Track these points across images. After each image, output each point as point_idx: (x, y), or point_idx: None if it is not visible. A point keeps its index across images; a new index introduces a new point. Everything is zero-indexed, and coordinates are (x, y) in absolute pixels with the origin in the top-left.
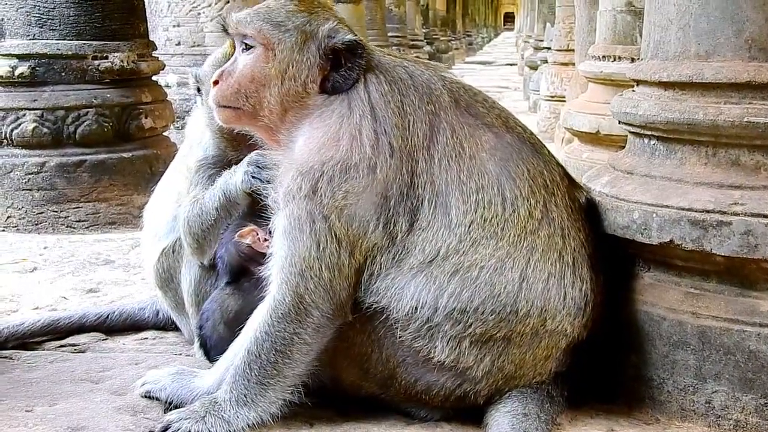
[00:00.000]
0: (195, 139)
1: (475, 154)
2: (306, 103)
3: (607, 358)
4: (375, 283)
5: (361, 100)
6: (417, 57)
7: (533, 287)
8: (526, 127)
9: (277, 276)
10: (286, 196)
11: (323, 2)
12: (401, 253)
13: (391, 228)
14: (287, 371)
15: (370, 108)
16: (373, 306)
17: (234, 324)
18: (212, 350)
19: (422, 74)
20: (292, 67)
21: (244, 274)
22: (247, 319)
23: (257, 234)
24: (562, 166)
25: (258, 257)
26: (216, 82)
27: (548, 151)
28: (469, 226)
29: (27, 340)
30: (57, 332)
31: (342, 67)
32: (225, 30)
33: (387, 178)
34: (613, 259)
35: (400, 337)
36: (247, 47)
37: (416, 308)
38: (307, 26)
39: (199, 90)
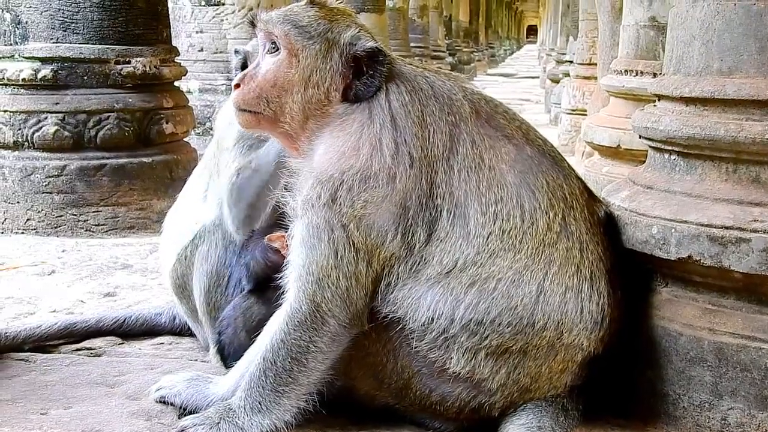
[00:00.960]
0: (224, 129)
1: (495, 166)
2: (327, 112)
3: (623, 372)
4: (392, 293)
5: (381, 109)
6: (439, 67)
7: (550, 300)
8: (546, 140)
9: (293, 284)
10: (304, 204)
11: (343, 9)
12: (419, 264)
13: (409, 238)
14: (302, 379)
15: (391, 117)
16: (390, 316)
17: (256, 332)
18: (230, 357)
19: (443, 84)
20: (316, 74)
21: (267, 283)
22: None
23: (287, 240)
24: (581, 180)
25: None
26: (237, 86)
27: (568, 165)
28: (488, 237)
29: (44, 342)
30: (74, 335)
31: (364, 75)
32: (253, 24)
33: (406, 188)
34: (631, 274)
35: (415, 348)
36: (272, 49)
37: (432, 319)
38: (329, 33)
39: (244, 66)
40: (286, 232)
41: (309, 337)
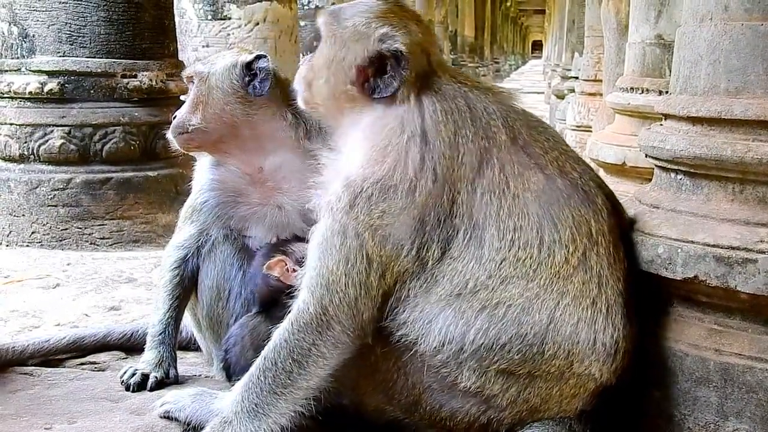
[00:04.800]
0: None
1: (520, 194)
2: (357, 107)
3: (629, 392)
4: (403, 312)
5: (413, 121)
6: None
7: (561, 330)
8: (585, 173)
9: (304, 285)
10: (326, 207)
11: (412, 13)
12: (430, 281)
13: (424, 254)
14: (301, 382)
15: (422, 132)
16: (402, 339)
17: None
18: (236, 374)
19: (486, 107)
20: (336, 62)
21: (275, 303)
22: None
23: (286, 265)
24: (616, 216)
25: (288, 289)
26: None
27: (602, 201)
28: (501, 263)
29: (52, 356)
30: (81, 349)
31: (386, 74)
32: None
33: (426, 203)
34: (636, 293)
35: (427, 365)
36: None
37: (443, 343)
38: (364, 27)
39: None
40: (284, 255)
41: (312, 339)
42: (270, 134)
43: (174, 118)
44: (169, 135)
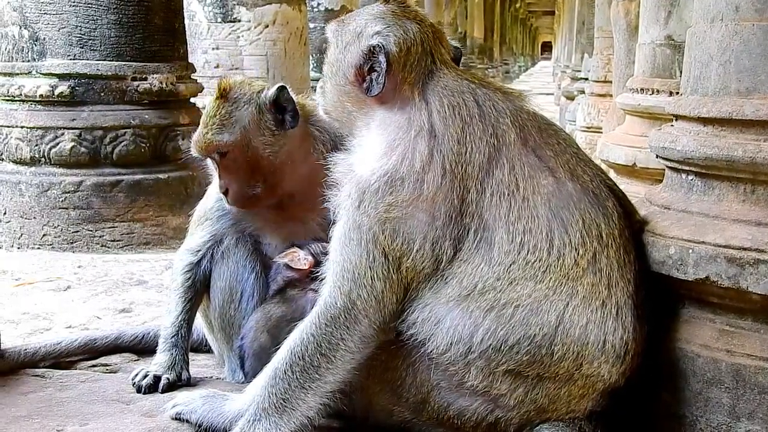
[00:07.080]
0: None
1: (529, 197)
2: (366, 111)
3: (640, 393)
4: (413, 313)
5: (420, 118)
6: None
7: (570, 331)
8: (596, 177)
9: (330, 279)
10: (341, 204)
11: (414, 13)
12: (439, 282)
13: (438, 251)
14: (329, 376)
15: (430, 127)
16: (410, 338)
17: (275, 331)
18: (249, 359)
19: (495, 105)
20: (338, 63)
21: (288, 285)
22: (288, 327)
23: (297, 253)
24: (628, 219)
25: (303, 278)
26: None
27: (613, 204)
28: (510, 265)
29: (63, 359)
30: (93, 352)
31: (375, 71)
32: None
33: (435, 197)
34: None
35: (435, 363)
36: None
37: (451, 344)
38: (362, 27)
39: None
40: (297, 248)
41: (340, 334)
42: (303, 157)
43: (225, 192)
44: (232, 208)
